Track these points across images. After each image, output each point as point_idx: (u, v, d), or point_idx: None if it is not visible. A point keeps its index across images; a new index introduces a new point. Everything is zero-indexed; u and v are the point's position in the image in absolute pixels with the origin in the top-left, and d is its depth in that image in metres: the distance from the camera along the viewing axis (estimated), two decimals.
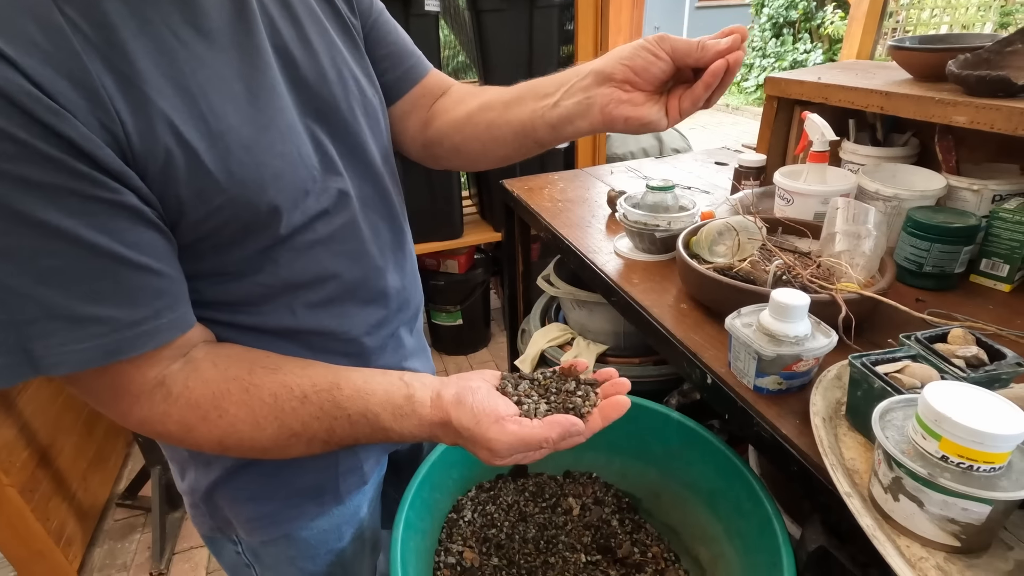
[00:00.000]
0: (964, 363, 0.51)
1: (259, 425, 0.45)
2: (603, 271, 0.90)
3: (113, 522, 1.60)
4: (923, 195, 0.79)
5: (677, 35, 0.50)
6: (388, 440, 0.49)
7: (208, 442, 0.45)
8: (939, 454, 0.40)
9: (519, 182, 1.33)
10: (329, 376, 0.48)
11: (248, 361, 0.47)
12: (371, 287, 0.58)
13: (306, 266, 0.51)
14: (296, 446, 0.48)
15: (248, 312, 0.51)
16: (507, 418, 0.46)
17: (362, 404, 0.47)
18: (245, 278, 0.49)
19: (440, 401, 0.47)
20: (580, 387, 0.51)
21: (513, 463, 0.47)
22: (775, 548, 0.57)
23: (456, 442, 0.48)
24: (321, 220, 0.51)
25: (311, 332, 0.54)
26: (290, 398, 0.46)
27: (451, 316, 2.14)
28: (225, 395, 0.45)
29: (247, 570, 0.67)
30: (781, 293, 0.58)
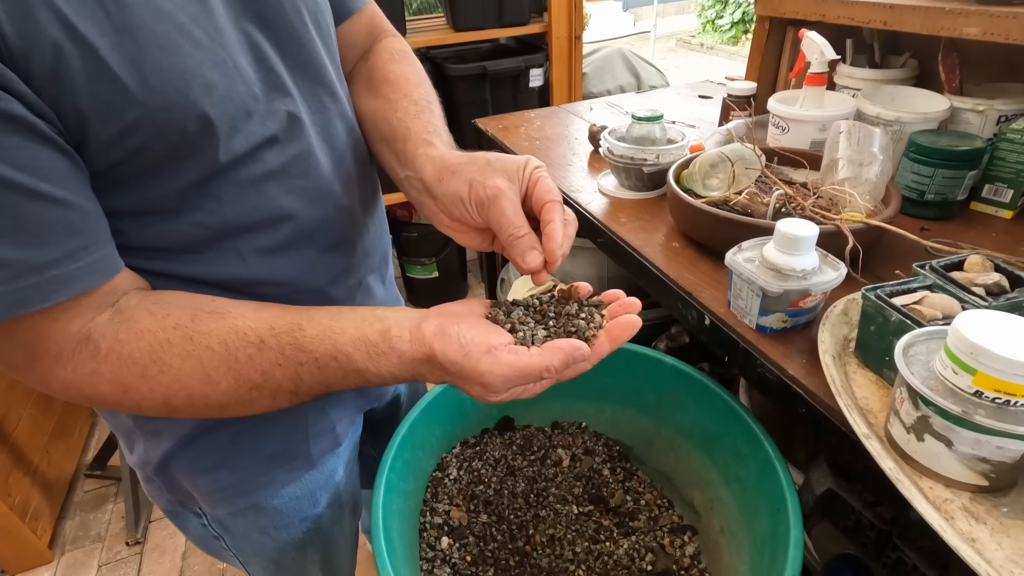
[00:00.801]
0: (984, 291, 0.48)
1: (210, 379, 0.39)
2: (588, 211, 0.84)
3: (83, 493, 1.54)
4: (926, 118, 0.74)
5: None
6: (366, 384, 0.43)
7: (151, 403, 0.39)
8: (972, 389, 0.37)
9: (493, 121, 1.24)
10: (289, 317, 0.41)
11: (191, 307, 0.40)
12: (333, 230, 0.51)
13: (255, 204, 0.44)
14: (260, 400, 0.42)
15: (188, 260, 0.43)
16: (500, 347, 0.40)
17: (330, 345, 0.41)
18: (181, 217, 0.41)
19: (421, 334, 0.41)
20: (583, 309, 0.45)
21: (511, 398, 0.41)
22: (778, 492, 0.55)
23: (443, 379, 0.42)
24: (269, 149, 0.44)
25: (265, 282, 0.47)
26: (244, 345, 0.39)
27: (426, 269, 2.07)
28: (165, 347, 0.38)
29: (216, 542, 0.62)
30: (788, 224, 0.53)
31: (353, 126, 0.54)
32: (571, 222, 0.44)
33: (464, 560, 0.64)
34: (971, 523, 0.38)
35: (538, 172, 0.44)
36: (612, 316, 0.45)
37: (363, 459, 0.73)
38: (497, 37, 1.80)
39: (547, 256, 0.42)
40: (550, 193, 0.43)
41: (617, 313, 0.45)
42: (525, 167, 0.44)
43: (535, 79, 1.82)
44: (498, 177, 0.43)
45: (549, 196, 0.43)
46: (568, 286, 0.47)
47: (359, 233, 0.55)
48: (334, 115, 0.51)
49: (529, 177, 0.44)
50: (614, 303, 0.46)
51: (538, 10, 1.84)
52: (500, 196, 0.42)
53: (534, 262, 0.42)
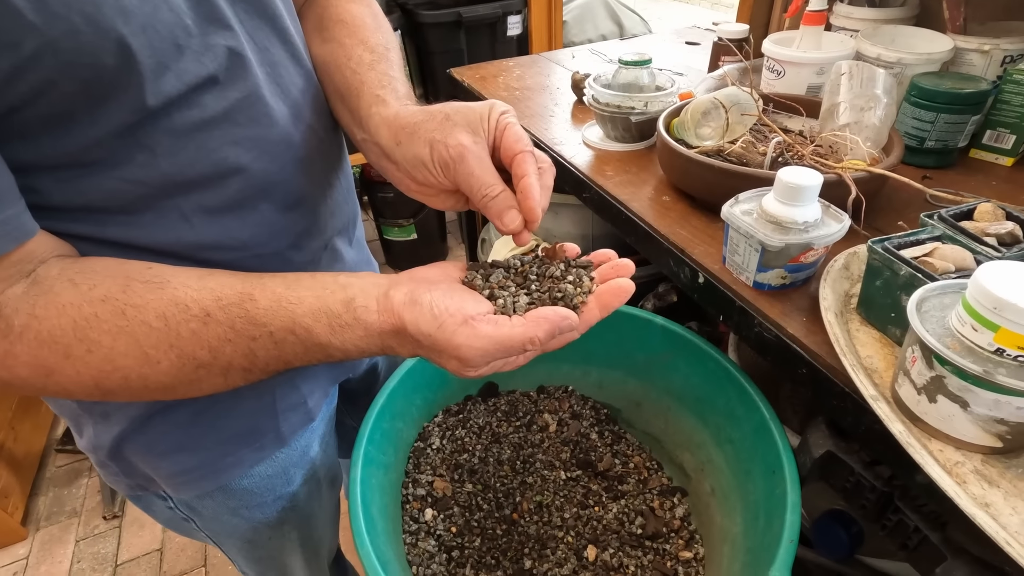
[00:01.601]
0: (996, 241, 0.45)
1: (149, 358, 0.35)
2: (572, 164, 0.79)
3: (55, 469, 1.50)
4: (929, 59, 0.70)
5: None
6: (329, 359, 0.38)
7: (80, 387, 0.35)
8: (993, 347, 0.34)
9: (469, 71, 1.16)
10: (238, 286, 0.37)
11: (122, 276, 0.35)
12: (292, 186, 0.45)
13: (196, 156, 0.38)
14: (209, 379, 0.37)
15: (122, 221, 0.38)
16: (478, 317, 0.36)
17: (286, 317, 0.36)
18: (107, 171, 0.35)
19: (389, 303, 0.37)
20: (570, 271, 0.41)
21: (492, 371, 0.37)
22: (774, 454, 0.53)
23: (416, 353, 0.38)
24: (208, 91, 0.38)
25: (215, 247, 0.42)
26: (187, 319, 0.35)
27: (404, 231, 2.00)
28: (92, 323, 0.33)
29: (186, 524, 0.59)
30: (790, 172, 0.49)
31: (309, 70, 0.48)
32: (547, 171, 0.40)
33: (449, 531, 0.62)
34: (984, 487, 0.36)
35: (504, 119, 0.39)
36: (603, 279, 0.41)
37: (342, 429, 0.70)
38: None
39: (525, 215, 0.38)
40: (519, 142, 0.39)
41: (608, 276, 0.41)
42: (489, 115, 0.39)
43: (513, 27, 1.73)
44: (460, 132, 0.39)
45: (519, 146, 0.39)
46: (553, 245, 0.43)
47: (322, 190, 0.50)
48: (284, 55, 0.45)
49: (495, 126, 0.39)
50: (605, 265, 0.42)
51: None
52: (465, 154, 0.38)
53: (513, 223, 0.38)
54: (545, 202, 0.39)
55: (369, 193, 1.96)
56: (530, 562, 0.61)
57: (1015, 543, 0.31)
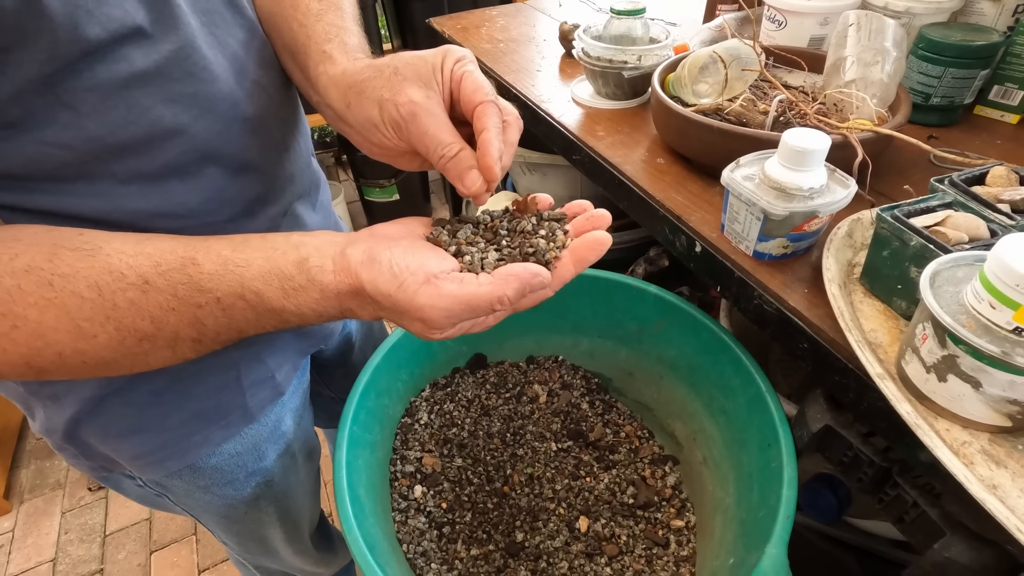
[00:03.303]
0: (1011, 208, 0.43)
1: (84, 331, 0.32)
2: (561, 124, 0.74)
3: (35, 441, 1.47)
4: (939, 8, 0.66)
5: None
6: (285, 325, 0.36)
7: (9, 366, 0.32)
8: (1012, 326, 0.32)
9: (450, 21, 1.09)
10: (179, 250, 0.33)
11: (49, 243, 0.31)
12: (240, 148, 0.41)
13: (127, 116, 0.34)
14: (155, 352, 0.34)
15: (51, 190, 0.34)
16: (441, 275, 0.33)
17: (234, 281, 0.33)
18: (26, 133, 0.32)
19: (346, 262, 0.34)
20: (543, 224, 0.38)
21: (459, 333, 0.35)
22: (770, 427, 0.52)
23: (377, 315, 0.36)
24: (135, 44, 0.33)
25: (159, 215, 0.38)
26: (124, 287, 0.32)
27: (386, 191, 1.94)
28: (16, 295, 0.30)
29: (161, 500, 0.57)
30: (795, 135, 0.46)
31: (252, 19, 0.44)
32: (512, 124, 0.36)
33: (440, 507, 0.61)
34: (991, 467, 0.34)
35: (460, 67, 0.36)
36: (578, 232, 0.38)
37: (319, 400, 0.68)
38: None
39: (483, 173, 0.35)
40: (478, 91, 0.35)
41: (584, 229, 0.39)
42: (442, 65, 0.35)
43: None
44: (411, 88, 0.35)
45: (478, 96, 0.35)
46: (524, 197, 0.40)
47: (277, 153, 0.46)
48: (219, 2, 0.40)
49: (450, 77, 0.35)
50: (580, 216, 0.40)
51: None
52: (417, 112, 0.35)
53: (474, 184, 0.35)
54: (507, 160, 0.36)
55: (348, 152, 1.89)
56: (522, 535, 0.61)
57: None
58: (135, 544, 1.26)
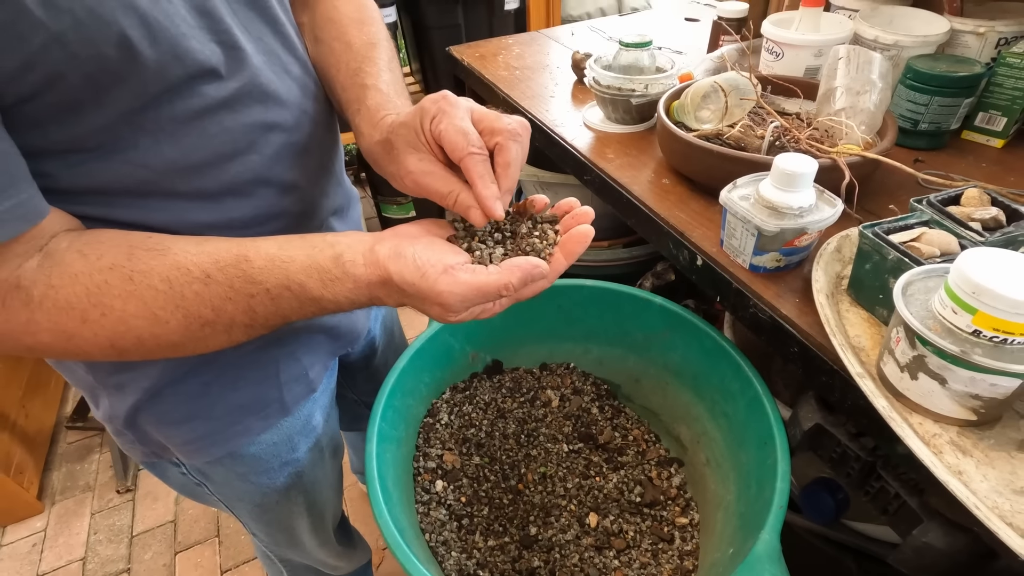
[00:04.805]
0: (981, 226, 0.47)
1: (158, 318, 0.37)
2: (573, 147, 0.80)
3: (67, 445, 1.53)
4: (925, 41, 0.71)
5: None
6: (323, 312, 0.41)
7: (97, 348, 0.37)
8: (971, 328, 0.36)
9: (469, 49, 1.16)
10: (234, 249, 0.39)
11: (126, 245, 0.37)
12: (289, 170, 0.48)
13: (198, 142, 0.41)
14: (215, 336, 0.40)
15: (128, 204, 0.40)
16: (457, 266, 0.39)
17: (281, 274, 0.39)
18: (113, 156, 0.38)
19: (375, 257, 0.39)
20: (537, 227, 0.44)
21: (471, 317, 0.40)
22: (766, 427, 0.56)
23: (402, 302, 0.41)
24: (209, 81, 0.40)
25: (217, 227, 0.44)
26: (189, 281, 0.37)
27: (403, 208, 2.01)
28: (104, 289, 0.36)
29: (199, 489, 0.62)
30: (786, 160, 0.51)
31: (304, 59, 0.51)
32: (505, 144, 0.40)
33: (459, 501, 0.65)
34: (958, 456, 0.39)
35: (435, 126, 0.40)
36: (566, 229, 0.44)
37: (343, 402, 0.73)
38: None
39: (486, 213, 0.40)
40: (456, 149, 0.39)
41: (570, 225, 0.44)
42: (421, 127, 0.41)
43: (511, 1, 1.70)
44: (406, 158, 0.42)
45: (456, 153, 0.40)
46: (522, 201, 0.46)
47: (318, 175, 0.52)
48: (278, 44, 0.47)
49: (430, 135, 0.41)
50: (567, 216, 0.45)
51: None
52: (416, 179, 0.41)
53: (477, 219, 0.41)
54: (508, 183, 0.41)
55: (367, 170, 1.96)
56: (535, 529, 0.65)
57: (983, 507, 0.34)
58: (160, 545, 1.31)
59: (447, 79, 1.24)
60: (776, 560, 0.46)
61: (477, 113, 0.41)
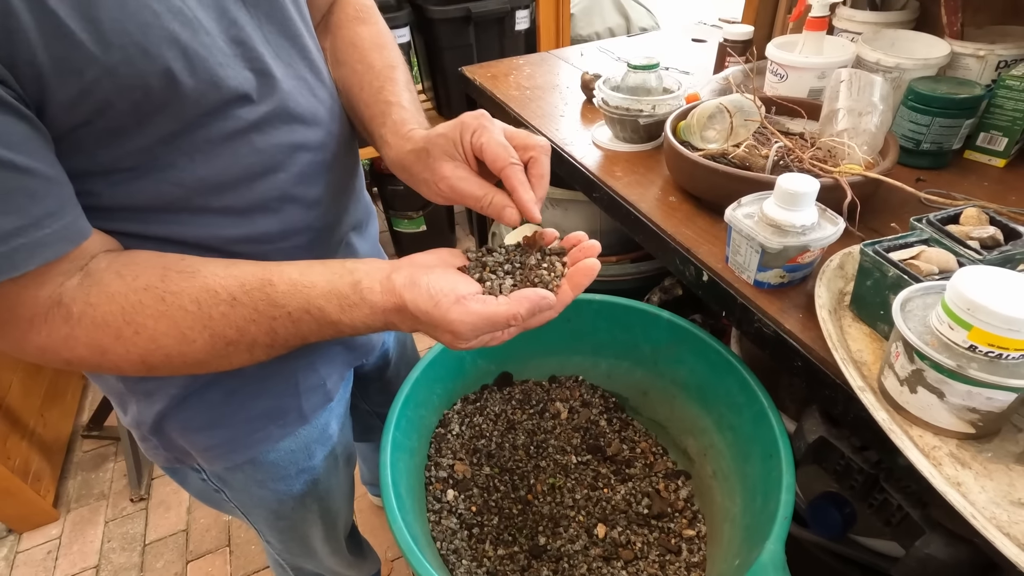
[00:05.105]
0: (979, 244, 0.49)
1: (186, 337, 0.39)
2: (583, 165, 0.82)
3: (82, 454, 1.56)
4: (926, 64, 0.73)
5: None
6: (340, 335, 0.44)
7: (129, 363, 0.39)
8: (967, 344, 0.38)
9: (480, 69, 1.19)
10: (259, 273, 0.41)
11: (160, 267, 0.40)
12: (313, 187, 0.50)
13: (229, 161, 0.43)
14: (237, 354, 0.42)
15: (164, 220, 0.43)
16: (468, 296, 0.41)
17: (302, 299, 0.41)
18: (152, 175, 0.40)
19: (391, 285, 0.41)
20: (545, 259, 0.46)
21: (480, 345, 0.42)
22: (771, 439, 0.57)
23: (415, 328, 0.43)
24: (242, 106, 0.42)
25: (244, 240, 0.47)
26: (216, 303, 0.40)
27: (413, 223, 2.04)
28: (138, 308, 0.38)
29: (217, 495, 0.64)
30: (788, 179, 0.52)
31: (329, 84, 0.53)
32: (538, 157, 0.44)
33: (469, 510, 0.67)
34: (957, 468, 0.40)
35: (477, 138, 0.43)
36: (573, 261, 0.46)
37: (356, 413, 0.75)
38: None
39: (525, 217, 0.44)
40: (498, 159, 0.43)
41: (578, 258, 0.46)
42: (460, 139, 0.44)
43: (521, 22, 1.74)
44: (442, 166, 0.45)
45: (499, 163, 0.43)
46: (533, 234, 0.48)
47: (340, 192, 0.55)
48: (306, 70, 0.49)
49: (470, 147, 0.44)
50: (574, 249, 0.47)
51: None
52: (452, 184, 0.44)
53: (512, 218, 0.44)
54: (542, 191, 0.44)
55: (379, 185, 2.00)
56: (544, 538, 0.66)
57: (980, 517, 0.36)
58: (172, 554, 1.32)
59: (459, 97, 1.28)
60: (781, 569, 0.47)
61: (510, 131, 0.45)
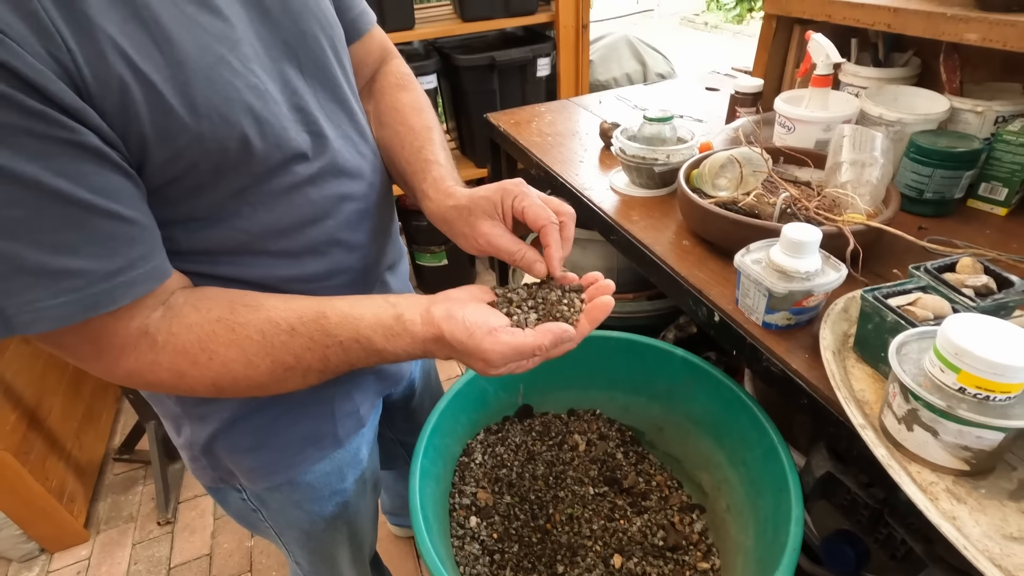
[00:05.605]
0: (973, 292, 0.52)
1: (252, 363, 0.45)
2: (601, 209, 0.88)
3: (113, 476, 1.61)
4: (926, 119, 0.78)
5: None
6: (383, 361, 0.49)
7: (202, 386, 0.45)
8: (957, 386, 0.41)
9: (504, 116, 1.27)
10: (314, 306, 0.47)
11: (228, 301, 0.45)
12: (355, 233, 0.56)
13: (286, 211, 0.49)
14: (292, 379, 0.47)
15: (227, 262, 0.49)
16: (499, 329, 0.46)
17: (352, 329, 0.46)
18: (222, 223, 0.47)
19: (431, 317, 0.47)
20: (565, 296, 0.52)
21: (508, 372, 0.47)
22: (781, 474, 0.60)
23: (450, 356, 0.48)
24: (299, 163, 0.49)
25: (295, 280, 0.52)
26: (278, 332, 0.45)
27: (435, 256, 2.11)
28: (212, 337, 0.43)
29: (254, 515, 0.68)
30: (793, 229, 0.57)
31: (372, 142, 0.60)
32: (568, 221, 0.51)
33: (491, 537, 0.70)
34: (953, 503, 0.42)
35: (519, 202, 0.51)
36: (590, 298, 0.52)
37: (381, 441, 0.79)
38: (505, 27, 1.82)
39: (550, 270, 0.51)
40: (538, 219, 0.50)
41: (594, 295, 0.52)
42: (502, 203, 0.51)
43: (542, 68, 1.84)
44: (481, 223, 0.52)
45: (539, 222, 0.50)
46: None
47: (378, 235, 0.60)
48: (353, 130, 0.56)
49: (511, 210, 0.51)
50: (591, 287, 0.53)
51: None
52: (489, 239, 0.52)
53: (540, 272, 0.51)
54: (567, 250, 0.52)
55: (404, 220, 2.08)
56: (562, 567, 0.69)
57: (972, 549, 0.38)
58: None
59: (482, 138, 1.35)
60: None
61: (543, 197, 0.52)
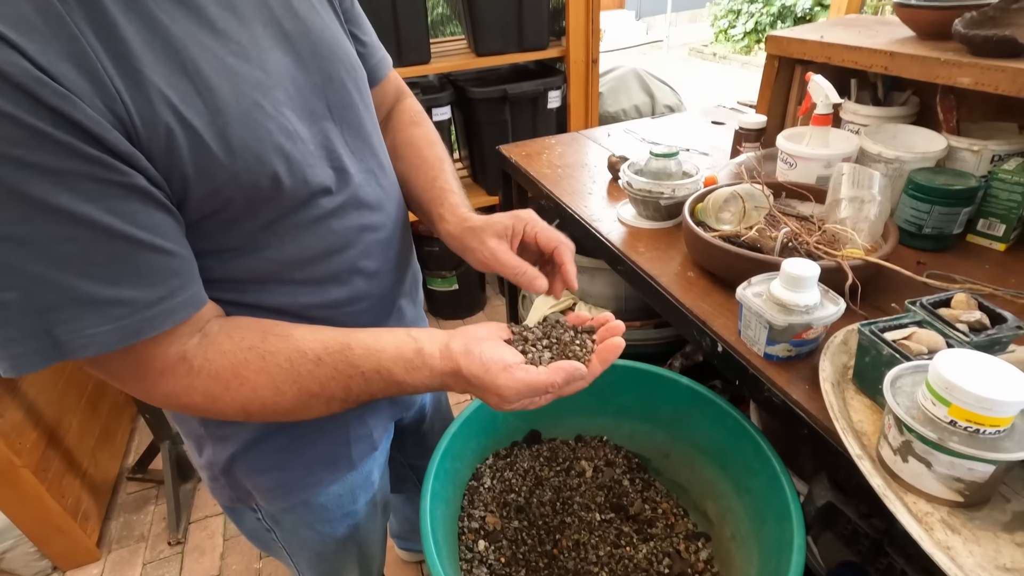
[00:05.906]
0: (967, 328, 0.54)
1: (279, 390, 0.47)
2: (608, 240, 0.91)
3: (126, 495, 1.63)
4: (924, 157, 0.80)
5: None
6: (402, 392, 0.51)
7: (232, 409, 0.47)
8: (948, 419, 0.43)
9: (516, 148, 1.31)
10: (339, 338, 0.49)
11: (260, 331, 0.48)
12: (374, 262, 0.59)
13: (310, 242, 0.53)
14: (316, 406, 0.50)
15: (255, 290, 0.52)
16: (514, 365, 0.49)
17: (374, 361, 0.49)
18: (252, 254, 0.50)
19: (449, 352, 0.49)
20: (578, 336, 0.54)
21: (521, 408, 0.49)
22: (784, 503, 0.61)
23: (466, 390, 0.50)
24: (323, 197, 0.52)
25: (317, 307, 0.55)
26: (305, 361, 0.47)
27: (447, 281, 2.14)
28: (244, 364, 0.46)
29: (268, 535, 0.70)
30: (792, 264, 0.59)
31: (392, 175, 0.64)
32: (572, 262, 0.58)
33: (499, 561, 0.71)
34: (947, 533, 0.44)
35: (532, 228, 0.58)
36: (601, 339, 0.54)
37: (391, 464, 0.81)
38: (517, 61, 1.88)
39: (566, 287, 0.56)
40: (551, 240, 0.57)
41: (605, 336, 0.54)
42: (514, 228, 0.58)
43: (553, 100, 1.90)
44: (489, 239, 0.57)
45: (552, 243, 0.57)
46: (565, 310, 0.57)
47: (396, 264, 0.64)
48: (374, 164, 0.60)
49: (523, 233, 0.57)
50: (602, 328, 0.55)
51: (556, 34, 1.92)
52: (495, 254, 0.57)
53: (541, 288, 0.56)
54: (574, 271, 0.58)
55: (416, 246, 2.12)
56: None
57: None
58: None
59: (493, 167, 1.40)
60: None
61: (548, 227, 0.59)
